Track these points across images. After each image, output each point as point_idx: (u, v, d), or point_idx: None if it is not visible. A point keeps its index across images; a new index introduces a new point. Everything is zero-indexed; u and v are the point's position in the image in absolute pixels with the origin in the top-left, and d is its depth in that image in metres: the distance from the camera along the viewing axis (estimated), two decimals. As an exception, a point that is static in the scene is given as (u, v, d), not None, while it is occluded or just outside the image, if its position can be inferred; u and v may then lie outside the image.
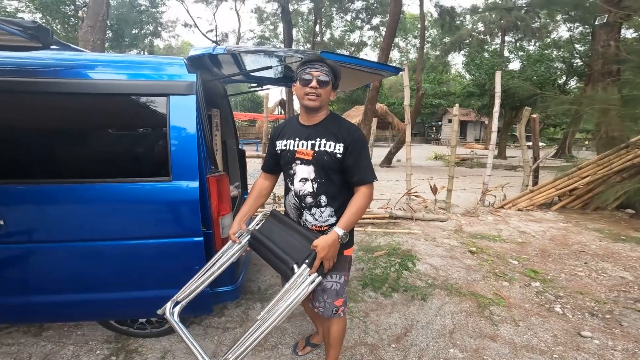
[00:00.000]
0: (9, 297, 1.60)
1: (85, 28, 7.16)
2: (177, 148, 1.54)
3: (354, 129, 1.40)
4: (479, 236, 3.99)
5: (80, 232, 1.55)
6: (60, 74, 1.49)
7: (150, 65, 1.62)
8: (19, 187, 1.51)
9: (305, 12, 21.54)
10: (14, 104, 1.53)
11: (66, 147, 1.62)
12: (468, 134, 29.71)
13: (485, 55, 17.04)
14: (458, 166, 11.93)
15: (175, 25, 25.11)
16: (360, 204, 1.35)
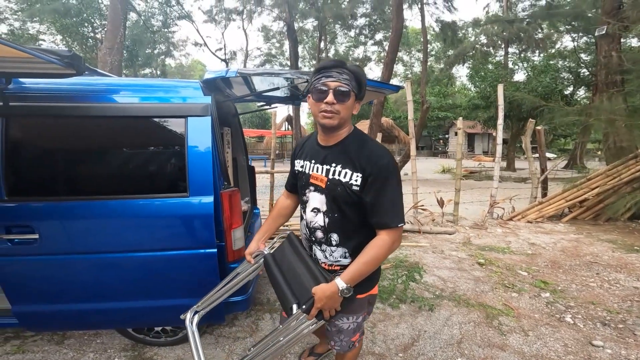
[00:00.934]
0: (40, 305, 1.69)
1: (104, 50, 7.59)
2: (194, 166, 1.64)
3: (378, 154, 1.10)
4: (488, 248, 3.98)
5: (106, 244, 1.65)
6: (91, 99, 1.63)
7: (170, 88, 1.76)
8: (53, 203, 1.62)
9: (310, 29, 22.25)
10: (51, 127, 1.67)
11: (95, 166, 1.75)
12: (476, 147, 29.59)
13: (489, 67, 17.21)
14: (466, 179, 11.89)
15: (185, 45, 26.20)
16: (375, 253, 1.09)
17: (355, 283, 1.08)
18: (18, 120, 1.60)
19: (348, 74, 1.09)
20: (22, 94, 1.58)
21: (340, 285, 1.06)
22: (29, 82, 1.62)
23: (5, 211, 1.56)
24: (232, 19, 21.07)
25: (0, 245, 1.55)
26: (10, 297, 1.64)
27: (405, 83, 5.14)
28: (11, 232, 1.56)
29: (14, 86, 1.57)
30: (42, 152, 1.70)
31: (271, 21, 24.84)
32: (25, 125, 1.64)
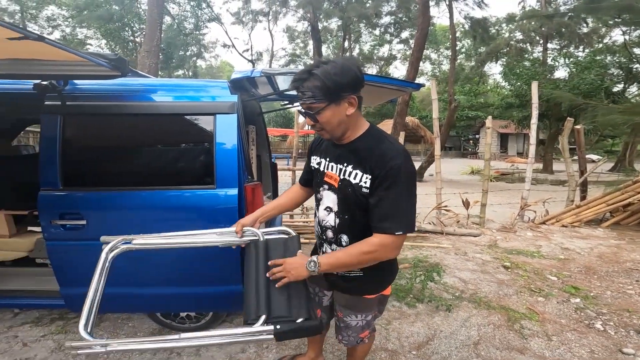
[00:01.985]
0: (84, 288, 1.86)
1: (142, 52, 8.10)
2: (221, 160, 1.74)
3: (390, 155, 1.02)
4: (515, 252, 3.81)
5: (143, 231, 1.78)
6: (134, 98, 1.78)
7: (201, 88, 1.88)
8: (99, 193, 1.78)
9: (334, 28, 22.25)
10: (98, 124, 1.85)
11: (135, 159, 1.91)
12: (509, 148, 28.11)
13: (526, 64, 16.31)
14: (497, 181, 11.37)
15: (215, 46, 27.31)
16: (358, 250, 1.04)
17: (327, 268, 1.07)
18: (72, 118, 1.77)
19: (310, 87, 0.99)
20: (75, 94, 1.75)
21: (312, 260, 1.06)
22: (80, 83, 1.79)
23: (60, 199, 1.72)
24: (258, 20, 21.64)
25: (55, 230, 1.71)
26: (59, 279, 1.81)
27: (430, 81, 5.05)
28: (64, 218, 1.72)
29: (69, 87, 1.74)
30: (91, 147, 1.89)
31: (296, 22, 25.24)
32: (77, 123, 1.81)
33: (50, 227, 1.70)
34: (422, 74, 29.65)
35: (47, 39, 1.12)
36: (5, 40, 1.07)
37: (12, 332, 2.07)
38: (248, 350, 1.94)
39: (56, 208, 1.71)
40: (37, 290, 2.06)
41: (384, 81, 2.21)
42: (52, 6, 18.83)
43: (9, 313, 2.27)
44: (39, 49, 1.21)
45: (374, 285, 1.25)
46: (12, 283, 2.16)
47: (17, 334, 2.06)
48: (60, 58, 1.35)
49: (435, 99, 5.14)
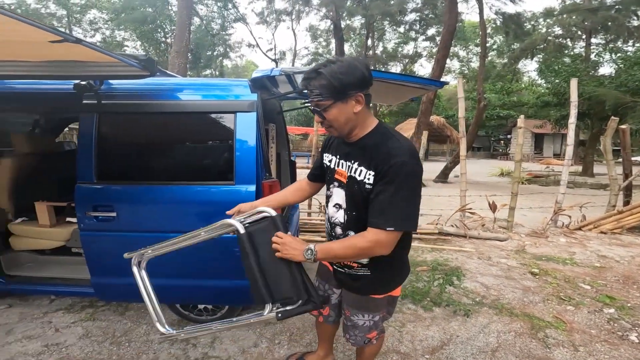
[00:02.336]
0: (112, 278, 1.96)
1: (173, 53, 8.48)
2: (240, 157, 1.80)
3: (394, 153, 1.02)
4: (545, 258, 3.59)
5: (167, 225, 1.87)
6: (160, 97, 1.88)
7: (223, 87, 1.95)
8: (129, 186, 1.90)
9: (357, 27, 22.03)
10: (130, 121, 1.97)
11: (162, 155, 2.02)
12: (545, 149, 26.45)
13: (565, 60, 15.26)
14: (529, 184, 10.76)
15: (240, 46, 27.90)
16: (353, 242, 1.06)
17: (323, 257, 1.09)
18: (106, 116, 1.89)
19: (317, 86, 1.02)
20: (110, 94, 1.87)
21: (310, 247, 1.08)
22: (113, 83, 1.91)
23: (94, 192, 1.86)
24: (281, 19, 21.89)
25: (88, 221, 1.85)
26: (90, 268, 1.95)
27: (457, 79, 4.88)
28: (97, 210, 1.84)
29: (104, 87, 1.86)
30: (122, 143, 2.02)
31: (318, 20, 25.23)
32: (111, 121, 1.93)
33: (85, 218, 1.84)
34: (449, 71, 28.56)
35: (84, 41, 1.20)
36: (47, 43, 1.17)
37: (47, 317, 2.24)
38: (260, 345, 1.98)
39: (90, 200, 1.84)
40: (71, 278, 2.23)
41: (405, 79, 2.17)
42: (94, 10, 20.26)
43: (46, 299, 2.46)
44: (77, 51, 1.30)
45: (382, 285, 1.24)
46: (51, 271, 2.35)
47: (51, 319, 2.22)
48: (96, 59, 1.45)
49: (462, 98, 4.96)
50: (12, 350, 1.88)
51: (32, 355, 1.85)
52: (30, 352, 1.87)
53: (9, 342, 1.95)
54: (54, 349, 1.91)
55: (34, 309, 2.33)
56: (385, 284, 1.24)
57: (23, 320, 2.19)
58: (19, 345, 1.93)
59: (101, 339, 2.02)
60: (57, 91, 1.96)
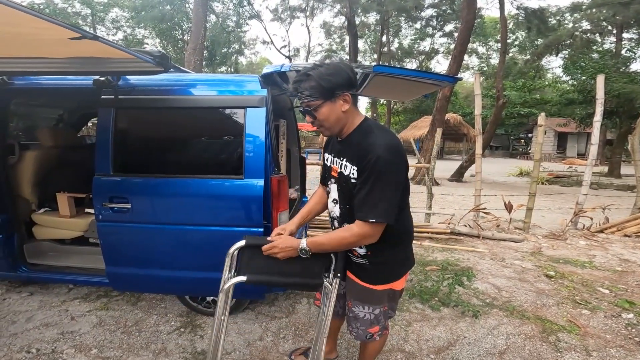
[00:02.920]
0: (126, 268, 2.02)
1: (189, 50, 8.62)
2: (249, 151, 1.83)
3: (374, 147, 1.07)
4: (562, 260, 3.46)
5: (178, 217, 1.91)
6: (174, 92, 1.93)
7: (234, 82, 1.97)
8: (143, 179, 1.95)
9: (372, 23, 21.74)
10: (145, 116, 2.03)
11: (173, 149, 2.07)
12: (568, 148, 25.37)
13: (594, 57, 14.51)
14: (550, 184, 10.37)
15: (255, 43, 28.00)
16: (340, 235, 1.14)
17: (313, 248, 1.16)
18: (123, 111, 1.95)
19: (307, 87, 1.08)
20: (126, 89, 1.93)
21: (302, 244, 1.15)
22: (130, 78, 1.97)
23: (110, 184, 1.92)
24: (296, 16, 21.90)
25: (105, 212, 1.91)
26: (105, 258, 2.01)
27: (474, 75, 4.76)
28: (112, 202, 1.90)
29: (121, 83, 1.92)
30: (137, 137, 2.08)
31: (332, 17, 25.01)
32: (127, 115, 1.99)
33: (101, 209, 1.91)
34: (467, 68, 27.72)
35: (101, 38, 1.24)
36: (67, 40, 1.21)
37: (65, 306, 2.33)
38: (265, 339, 2.01)
39: (107, 192, 1.91)
40: (88, 267, 2.32)
41: (418, 74, 2.13)
42: (116, 8, 20.91)
43: (65, 288, 2.57)
44: (96, 48, 1.34)
45: (381, 275, 1.27)
46: (69, 260, 2.45)
47: (68, 308, 2.31)
48: (114, 56, 1.49)
49: (479, 94, 4.84)
50: (30, 337, 1.97)
51: (47, 343, 1.92)
52: (47, 340, 1.95)
53: (28, 329, 2.05)
54: (69, 336, 1.99)
55: (53, 297, 2.45)
56: (386, 275, 1.27)
57: (42, 308, 2.29)
58: (36, 332, 2.03)
59: (113, 327, 2.10)
60: (79, 87, 2.04)
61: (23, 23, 1.05)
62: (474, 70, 28.67)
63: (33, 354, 1.82)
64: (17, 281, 2.60)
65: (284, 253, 1.18)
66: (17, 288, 2.55)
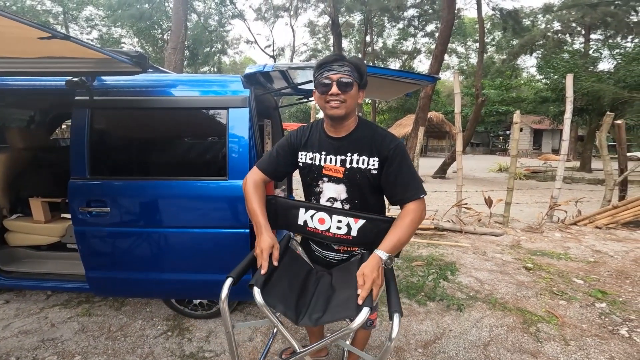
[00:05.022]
0: (106, 272, 1.97)
1: (169, 50, 8.40)
2: (233, 152, 1.81)
3: (390, 137, 1.20)
4: (540, 253, 3.61)
5: (160, 220, 1.87)
6: (153, 93, 1.87)
7: (216, 82, 1.94)
8: (122, 182, 1.89)
9: (356, 23, 21.85)
10: (122, 117, 1.96)
11: (153, 151, 2.01)
12: (544, 144, 26.51)
13: (564, 56, 15.19)
14: (527, 179, 10.79)
15: (238, 43, 27.51)
16: (408, 220, 1.13)
17: (395, 252, 1.11)
18: (99, 112, 1.89)
19: (349, 65, 1.13)
20: (102, 90, 1.87)
21: (383, 256, 1.08)
22: (106, 79, 1.90)
23: (87, 187, 1.85)
24: (280, 15, 21.72)
25: (82, 216, 1.85)
26: (85, 263, 1.95)
27: (453, 74, 4.88)
28: (90, 206, 1.84)
29: (96, 83, 1.86)
30: (115, 138, 2.01)
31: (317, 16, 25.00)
32: (104, 116, 1.93)
33: (78, 213, 1.84)
34: (448, 67, 28.37)
35: (73, 38, 1.19)
36: (36, 40, 1.16)
37: (44, 313, 2.26)
38: (255, 339, 2.01)
39: (84, 196, 1.84)
40: (66, 273, 2.23)
41: (399, 74, 2.17)
42: (90, 7, 20.01)
43: (43, 295, 2.47)
44: (68, 48, 1.29)
45: None
46: (46, 266, 2.35)
47: (47, 315, 2.23)
48: (87, 56, 1.44)
49: (458, 93, 4.97)
50: (9, 345, 1.89)
51: (27, 350, 1.86)
52: (27, 347, 1.89)
53: (5, 337, 1.97)
54: (50, 344, 1.93)
55: (31, 304, 2.35)
56: None
57: (20, 316, 2.20)
58: (15, 340, 1.95)
59: (97, 333, 2.04)
60: (51, 88, 1.96)
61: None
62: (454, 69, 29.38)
63: (11, 363, 1.73)
64: (-10, 290, 2.47)
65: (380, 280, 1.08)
66: (-10, 298, 2.43)
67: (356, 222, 1.20)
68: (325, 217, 1.23)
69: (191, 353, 1.87)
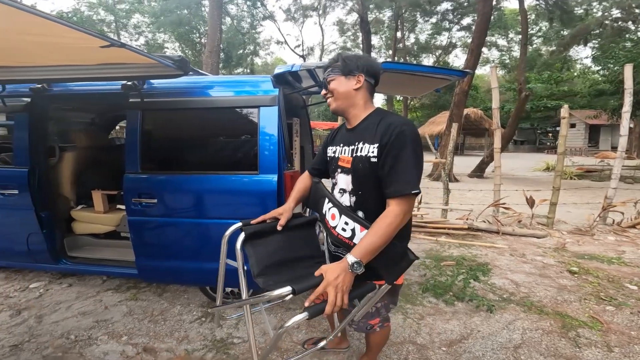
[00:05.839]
0: (153, 259, 2.17)
1: (206, 53, 8.89)
2: (263, 148, 1.93)
3: (396, 123, 1.09)
4: (588, 257, 3.32)
5: (198, 210, 2.03)
6: (193, 94, 2.05)
7: (248, 83, 2.08)
8: (164, 176, 2.09)
9: (386, 19, 21.37)
10: (167, 117, 2.17)
11: (193, 147, 2.20)
12: (601, 141, 23.94)
13: (627, 45, 13.66)
14: (579, 179, 9.86)
15: (269, 44, 28.23)
16: (383, 224, 1.02)
17: (364, 258, 1.00)
18: (148, 113, 2.10)
19: (331, 65, 1.21)
20: (150, 92, 2.08)
21: (350, 260, 0.98)
22: (154, 82, 2.11)
23: (139, 181, 2.07)
24: (308, 15, 21.98)
25: (134, 206, 2.07)
26: (135, 251, 2.17)
27: (491, 69, 4.66)
28: (141, 197, 2.06)
29: (146, 86, 2.06)
30: (161, 136, 2.23)
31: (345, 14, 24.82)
32: (152, 116, 2.14)
33: (131, 204, 2.06)
34: (486, 61, 26.70)
35: (128, 46, 1.35)
36: (98, 48, 1.33)
37: (99, 296, 2.51)
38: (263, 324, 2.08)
39: (135, 188, 2.06)
40: (119, 260, 2.49)
41: (426, 70, 2.15)
42: (137, 14, 21.76)
43: (99, 280, 2.77)
44: (123, 54, 1.46)
45: None
46: (103, 253, 2.64)
47: (102, 298, 2.48)
48: (139, 61, 1.61)
49: (496, 88, 4.73)
50: (69, 325, 2.13)
51: (84, 330, 2.08)
52: (83, 327, 2.11)
53: (67, 317, 2.22)
54: (103, 324, 2.14)
55: (89, 288, 2.64)
56: None
57: (79, 298, 2.48)
58: (74, 320, 2.19)
59: (141, 316, 2.24)
60: (107, 91, 2.20)
61: (62, 34, 1.17)
62: (494, 63, 27.69)
63: (72, 340, 1.97)
64: (57, 273, 2.83)
65: (344, 285, 0.97)
66: (58, 280, 2.78)
67: (361, 231, 1.12)
68: (336, 215, 1.22)
69: (221, 338, 1.99)
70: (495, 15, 15.16)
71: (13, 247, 2.43)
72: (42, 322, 2.16)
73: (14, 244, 2.42)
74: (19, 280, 2.75)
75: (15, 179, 2.28)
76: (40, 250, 2.39)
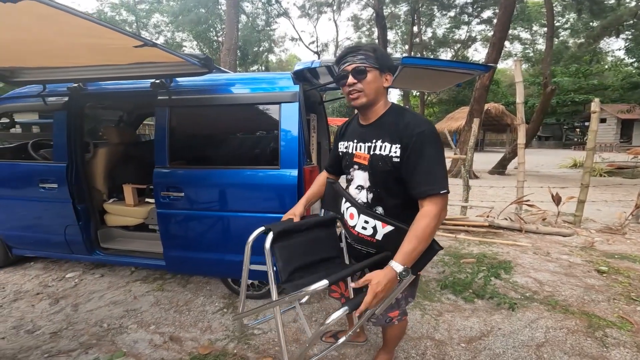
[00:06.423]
0: (179, 251, 2.26)
1: (224, 51, 9.05)
2: (284, 144, 1.97)
3: (416, 123, 1.10)
4: (618, 256, 3.18)
5: (222, 203, 2.11)
6: (217, 91, 2.12)
7: (268, 80, 2.13)
8: (190, 170, 2.18)
9: (402, 13, 20.97)
10: (191, 113, 2.25)
11: (217, 142, 2.28)
12: (635, 136, 22.55)
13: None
14: (610, 176, 9.39)
15: (284, 41, 28.47)
16: (422, 226, 1.02)
17: (410, 263, 1.02)
18: (175, 109, 2.18)
19: (363, 53, 1.12)
20: (177, 90, 2.16)
21: (397, 268, 0.99)
22: (180, 80, 2.18)
23: (168, 175, 2.17)
24: (323, 11, 21.95)
25: (162, 200, 2.16)
26: (163, 243, 2.27)
27: (514, 62, 4.52)
28: (169, 191, 2.15)
29: (172, 84, 2.15)
30: (187, 132, 2.32)
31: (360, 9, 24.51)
32: (179, 113, 2.22)
33: (160, 197, 2.17)
34: (509, 55, 25.73)
35: (159, 45, 1.42)
36: (131, 48, 1.40)
37: (128, 286, 2.62)
38: (298, 321, 2.12)
39: (164, 182, 2.16)
40: (147, 251, 2.61)
41: (447, 64, 2.12)
42: (157, 14, 22.38)
43: (128, 271, 2.90)
44: (153, 53, 1.53)
45: None
46: (132, 244, 2.77)
47: (131, 288, 2.59)
48: (167, 60, 1.68)
49: (520, 82, 4.57)
50: (102, 314, 2.24)
51: (115, 319, 2.17)
52: (115, 316, 2.20)
53: (100, 307, 2.33)
54: (132, 314, 2.23)
55: (119, 278, 2.78)
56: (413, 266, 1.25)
57: (110, 288, 2.61)
58: (107, 309, 2.30)
59: (167, 307, 2.33)
60: (137, 90, 2.31)
61: (102, 35, 1.24)
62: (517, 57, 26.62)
63: (104, 328, 2.08)
64: (90, 264, 3.00)
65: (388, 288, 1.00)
66: (91, 270, 2.95)
67: (384, 227, 1.15)
68: (355, 214, 1.23)
69: (242, 330, 2.05)
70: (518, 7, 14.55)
71: (52, 238, 2.60)
72: (77, 310, 2.30)
73: (53, 235, 2.57)
74: (55, 270, 2.94)
75: (54, 173, 2.43)
76: (76, 242, 2.55)
